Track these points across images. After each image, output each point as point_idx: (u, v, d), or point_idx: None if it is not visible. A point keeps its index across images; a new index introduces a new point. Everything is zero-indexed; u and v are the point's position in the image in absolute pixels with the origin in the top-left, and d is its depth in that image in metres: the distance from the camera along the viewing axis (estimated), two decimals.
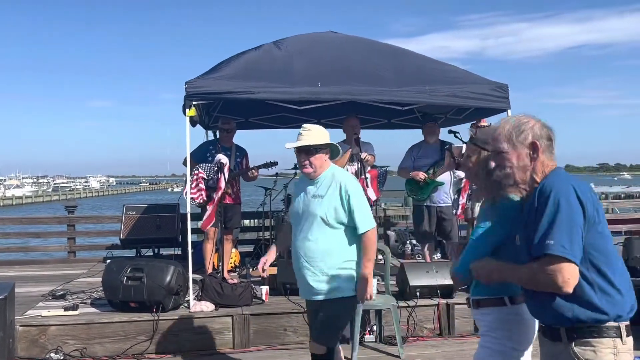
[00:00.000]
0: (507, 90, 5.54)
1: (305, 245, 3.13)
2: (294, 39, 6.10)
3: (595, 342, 1.83)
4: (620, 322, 1.84)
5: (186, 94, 5.04)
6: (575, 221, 1.80)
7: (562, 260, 1.77)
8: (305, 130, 3.19)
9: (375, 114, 7.37)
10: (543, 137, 2.01)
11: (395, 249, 7.57)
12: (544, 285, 1.84)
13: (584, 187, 1.89)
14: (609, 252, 1.87)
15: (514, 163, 2.01)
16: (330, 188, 3.11)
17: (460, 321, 5.09)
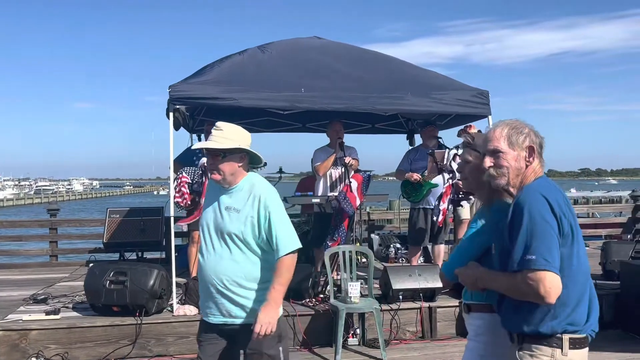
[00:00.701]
0: (488, 96, 5.64)
1: (219, 265, 2.66)
2: (279, 44, 6.14)
3: (535, 349, 1.93)
4: (564, 334, 1.90)
5: (170, 98, 5.05)
6: (551, 234, 1.85)
7: (544, 271, 1.82)
8: (216, 130, 2.66)
9: (359, 119, 7.43)
10: (537, 143, 2.07)
11: (379, 252, 7.63)
12: (525, 295, 1.88)
13: (559, 199, 1.92)
14: (571, 268, 1.89)
15: (511, 164, 2.04)
16: (248, 201, 2.64)
17: (442, 324, 5.16)
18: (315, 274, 5.39)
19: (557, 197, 1.91)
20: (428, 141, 6.09)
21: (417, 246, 6.28)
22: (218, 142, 2.61)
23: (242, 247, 2.62)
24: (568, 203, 1.96)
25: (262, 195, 2.63)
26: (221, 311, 2.71)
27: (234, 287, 2.63)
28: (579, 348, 1.92)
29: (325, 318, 4.91)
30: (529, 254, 1.84)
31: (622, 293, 5.30)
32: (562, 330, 1.90)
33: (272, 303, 2.58)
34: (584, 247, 1.97)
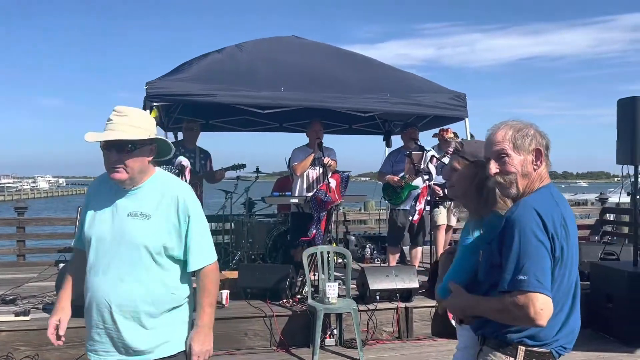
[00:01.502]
0: (465, 99, 5.73)
1: (118, 290, 2.11)
2: (257, 43, 6.11)
3: (490, 354, 1.92)
4: (520, 345, 1.85)
5: (147, 94, 4.96)
6: (544, 254, 1.78)
7: (536, 293, 1.75)
8: (118, 116, 2.09)
9: (337, 119, 7.44)
10: (543, 145, 1.92)
11: (354, 253, 7.65)
12: (517, 319, 1.80)
13: (555, 217, 1.82)
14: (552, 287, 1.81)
15: (519, 169, 1.89)
16: (162, 204, 2.14)
17: (419, 324, 5.20)
18: (292, 274, 5.36)
19: (552, 215, 1.81)
20: (409, 143, 6.14)
21: (395, 247, 6.33)
22: (126, 131, 2.05)
23: (150, 264, 2.11)
24: (566, 222, 1.85)
25: (181, 196, 2.16)
26: (118, 347, 2.18)
27: (140, 315, 2.12)
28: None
29: (303, 319, 4.89)
30: (520, 274, 1.76)
31: (592, 293, 5.43)
32: (518, 340, 1.85)
33: (205, 329, 2.20)
34: (568, 267, 1.86)
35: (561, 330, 1.88)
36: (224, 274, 5.89)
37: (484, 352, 1.96)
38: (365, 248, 7.62)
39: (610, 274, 5.21)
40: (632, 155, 5.01)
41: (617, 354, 4.70)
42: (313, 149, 5.84)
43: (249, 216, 7.01)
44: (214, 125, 7.75)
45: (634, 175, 5.25)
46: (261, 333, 4.86)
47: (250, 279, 5.31)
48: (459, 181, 2.16)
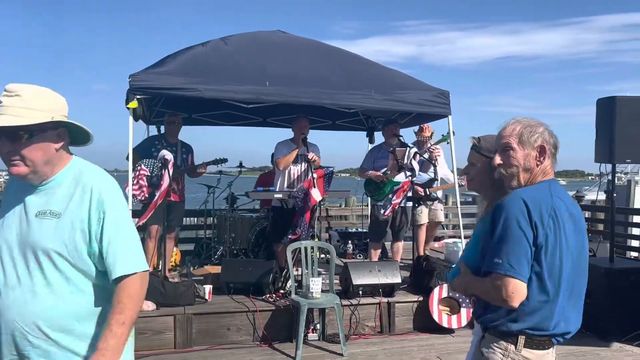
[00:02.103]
0: (448, 96, 5.78)
1: (32, 304, 1.73)
2: (242, 37, 6.07)
3: (492, 342, 2.00)
4: (520, 334, 1.95)
5: (130, 87, 4.90)
6: (522, 242, 1.87)
7: (508, 277, 1.87)
8: (8, 96, 1.71)
9: (321, 115, 7.44)
10: (551, 143, 2.03)
11: (337, 248, 7.68)
12: (494, 299, 1.95)
13: (543, 208, 1.90)
14: (539, 278, 1.91)
15: (521, 163, 2.01)
16: (74, 200, 1.79)
17: (400, 319, 5.25)
18: (275, 269, 5.37)
19: (540, 205, 1.90)
20: (390, 139, 6.16)
21: (377, 242, 6.35)
22: (18, 115, 1.68)
23: (66, 272, 1.75)
24: (556, 214, 1.92)
25: (96, 188, 1.79)
26: None
27: (58, 334, 1.75)
28: (535, 348, 1.96)
29: (286, 313, 4.90)
30: (496, 257, 1.89)
31: None
32: (518, 331, 1.95)
33: (107, 353, 1.72)
34: (565, 257, 1.93)
35: (560, 322, 1.97)
36: (207, 268, 5.87)
37: (486, 339, 2.04)
38: (348, 243, 7.65)
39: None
40: (610, 153, 5.12)
41: (594, 348, 4.81)
42: (297, 144, 5.84)
43: (232, 211, 6.98)
44: (197, 119, 7.68)
45: (611, 173, 5.38)
46: (244, 328, 4.86)
47: (233, 274, 5.30)
48: (476, 175, 2.26)
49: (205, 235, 7.37)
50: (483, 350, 2.04)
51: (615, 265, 5.23)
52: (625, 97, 5.15)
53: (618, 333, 4.97)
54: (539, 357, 1.98)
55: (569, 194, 2.12)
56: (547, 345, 1.98)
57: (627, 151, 5.12)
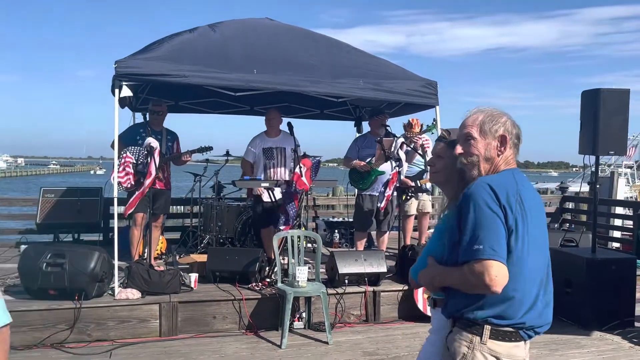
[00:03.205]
0: (436, 87, 5.79)
1: None
2: (230, 24, 6.00)
3: (458, 333, 1.99)
4: (485, 324, 1.93)
5: (116, 73, 4.84)
6: (498, 224, 1.86)
7: (491, 260, 1.83)
8: None
9: (309, 104, 7.42)
10: (513, 134, 2.03)
11: (323, 237, 7.70)
12: (474, 286, 1.88)
13: (510, 192, 1.90)
14: (510, 261, 1.88)
15: (482, 152, 2.01)
16: None
17: (385, 308, 5.29)
18: (262, 258, 5.37)
19: (507, 189, 1.89)
20: (377, 129, 6.16)
21: (363, 232, 6.37)
22: None
23: None
24: (522, 200, 1.91)
25: None
26: None
27: None
28: (502, 340, 1.93)
29: (272, 302, 4.92)
30: (476, 244, 1.85)
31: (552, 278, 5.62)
32: (483, 319, 1.93)
33: None
34: (531, 247, 1.92)
35: (528, 312, 1.95)
36: (193, 257, 5.86)
37: (453, 332, 2.02)
38: (334, 233, 7.68)
39: (569, 260, 5.40)
40: (594, 145, 5.18)
41: (574, 336, 4.90)
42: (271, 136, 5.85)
43: (218, 199, 6.96)
44: (183, 106, 7.62)
45: (594, 165, 5.44)
46: (230, 316, 4.86)
47: (219, 263, 5.29)
48: (442, 168, 2.24)
49: (192, 224, 7.34)
50: (449, 344, 2.01)
51: (597, 255, 5.31)
52: (610, 90, 5.20)
53: (599, 322, 5.06)
54: (506, 349, 1.94)
55: (533, 184, 2.13)
56: (514, 338, 1.94)
57: (611, 143, 5.18)
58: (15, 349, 4.26)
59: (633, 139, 26.87)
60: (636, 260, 5.55)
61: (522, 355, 1.98)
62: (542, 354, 4.45)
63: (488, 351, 1.94)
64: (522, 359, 1.98)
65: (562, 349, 4.60)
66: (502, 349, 1.94)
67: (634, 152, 27.97)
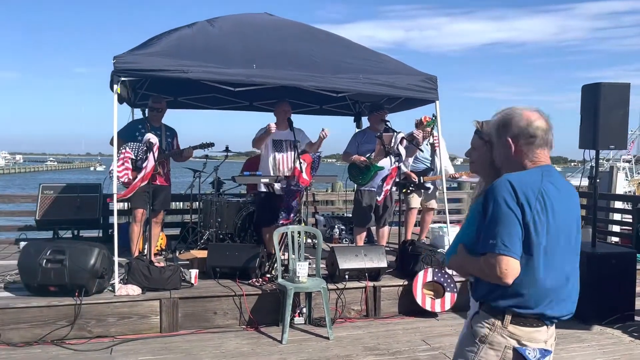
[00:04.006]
0: (436, 82, 5.77)
1: None
2: (229, 19, 5.98)
3: (483, 317, 2.10)
4: (507, 311, 2.03)
5: (114, 69, 4.81)
6: (513, 220, 1.95)
7: (502, 255, 1.94)
8: None
9: (308, 99, 7.40)
10: (523, 134, 2.08)
11: (323, 233, 7.70)
12: (489, 277, 2.01)
13: (529, 190, 1.97)
14: (527, 257, 1.97)
15: (499, 157, 2.16)
16: None
17: (386, 303, 5.29)
18: (262, 254, 5.37)
19: (526, 187, 1.98)
20: (376, 125, 6.14)
21: (362, 227, 6.37)
22: None
23: None
24: (544, 197, 1.98)
25: None
26: None
27: None
28: (522, 325, 2.04)
29: (272, 297, 4.92)
30: (491, 238, 1.97)
31: None
32: (505, 307, 2.04)
33: None
34: (552, 241, 2.00)
35: (549, 303, 2.03)
36: (193, 253, 5.85)
37: (479, 315, 2.12)
38: (334, 228, 7.68)
39: None
40: (594, 140, 5.17)
41: (574, 331, 4.90)
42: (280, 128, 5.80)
43: (218, 195, 6.95)
44: (182, 102, 7.60)
45: (594, 159, 5.44)
46: (230, 312, 4.86)
47: (219, 258, 5.29)
48: (477, 159, 2.35)
49: (192, 220, 7.33)
50: (473, 324, 2.12)
51: (597, 250, 5.31)
52: (610, 84, 5.19)
53: (599, 316, 5.07)
54: (526, 334, 2.04)
55: (567, 180, 2.17)
56: (535, 324, 2.04)
57: (611, 137, 5.17)
58: (16, 345, 4.26)
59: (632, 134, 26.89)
60: (636, 255, 5.55)
61: (544, 338, 2.08)
62: None
63: (508, 334, 2.04)
64: (543, 341, 2.07)
65: (562, 343, 4.60)
66: (522, 333, 2.04)
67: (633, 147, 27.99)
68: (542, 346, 2.07)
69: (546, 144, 2.11)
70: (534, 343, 2.05)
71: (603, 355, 4.36)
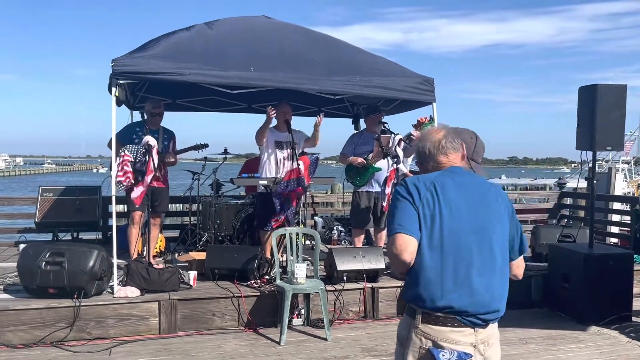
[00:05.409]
0: (433, 84, 5.79)
1: None
2: (227, 22, 6.00)
3: (404, 318, 2.18)
4: (417, 308, 2.07)
5: (112, 72, 4.84)
6: (405, 206, 2.08)
7: (396, 233, 2.04)
8: None
9: (306, 102, 7.42)
10: (423, 148, 2.31)
11: (322, 234, 7.71)
12: (391, 260, 2.11)
13: (420, 184, 2.12)
14: (422, 250, 2.04)
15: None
16: None
17: (384, 304, 5.31)
18: (260, 255, 5.38)
19: (417, 181, 2.14)
20: (373, 127, 6.17)
21: (360, 229, 6.39)
22: None
23: None
24: (437, 188, 2.10)
25: None
26: None
27: None
28: (433, 324, 2.03)
29: (270, 299, 4.94)
30: (390, 225, 2.11)
31: (550, 274, 5.66)
32: (409, 301, 2.11)
33: None
34: (448, 232, 2.04)
35: (450, 294, 2.02)
36: (192, 255, 5.87)
37: (403, 316, 2.21)
38: (333, 230, 7.69)
39: (567, 255, 5.43)
40: (591, 141, 5.19)
41: (571, 332, 4.92)
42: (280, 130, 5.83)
43: (217, 197, 6.97)
44: (181, 104, 7.62)
45: (591, 160, 5.46)
46: (229, 313, 4.88)
47: (218, 260, 5.31)
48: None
49: (190, 222, 7.35)
50: (398, 327, 2.19)
51: (594, 250, 5.33)
52: (607, 85, 5.21)
53: (597, 317, 5.08)
54: (441, 334, 2.02)
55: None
56: (449, 323, 2.02)
57: (608, 138, 5.19)
58: (15, 347, 4.28)
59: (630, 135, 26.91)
60: (633, 255, 5.58)
61: (469, 341, 2.04)
62: (540, 349, 4.47)
63: (422, 334, 2.04)
64: (469, 344, 2.04)
65: (559, 344, 4.62)
66: (436, 333, 2.03)
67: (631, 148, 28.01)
68: (469, 350, 2.02)
69: (443, 151, 2.25)
70: (455, 345, 2.01)
71: (600, 356, 4.38)
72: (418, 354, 2.04)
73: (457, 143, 2.28)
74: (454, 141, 2.27)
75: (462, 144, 2.30)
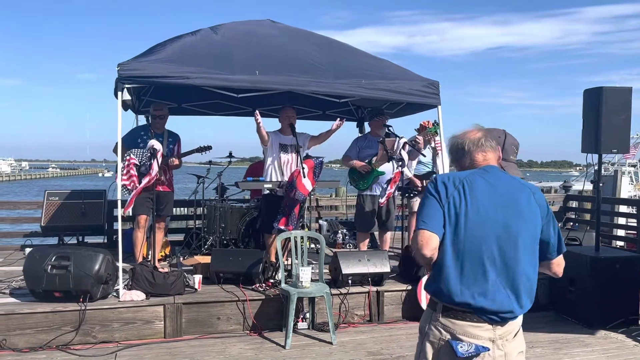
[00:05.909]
0: (438, 87, 5.79)
1: None
2: (232, 25, 6.02)
3: (426, 311, 2.28)
4: (438, 302, 2.17)
5: (118, 76, 4.86)
6: (432, 203, 2.16)
7: (420, 230, 2.13)
8: None
9: (311, 105, 7.43)
10: (454, 148, 2.39)
11: (326, 238, 7.71)
12: (415, 252, 2.19)
13: (448, 181, 2.18)
14: (445, 247, 2.12)
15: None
16: None
17: (389, 308, 5.30)
18: (265, 259, 5.38)
19: (446, 178, 2.20)
20: (377, 130, 6.17)
21: (365, 232, 6.38)
22: None
23: None
24: (465, 186, 2.15)
25: None
26: None
27: None
28: (452, 318, 2.12)
29: (275, 303, 4.93)
30: (417, 218, 2.21)
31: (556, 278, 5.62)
32: (432, 294, 2.20)
33: None
34: (471, 230, 2.10)
35: (469, 288, 2.09)
36: (197, 258, 5.88)
37: (425, 310, 2.33)
38: (337, 233, 7.68)
39: (572, 259, 5.37)
40: (596, 144, 5.17)
41: (578, 335, 4.89)
42: (285, 133, 5.83)
43: (222, 201, 6.97)
44: (186, 108, 7.65)
45: (597, 163, 5.43)
46: (234, 317, 4.88)
47: (223, 264, 5.31)
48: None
49: (195, 226, 7.36)
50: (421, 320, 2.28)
51: (600, 254, 5.30)
52: (612, 88, 5.19)
53: (603, 320, 5.05)
54: (459, 327, 2.10)
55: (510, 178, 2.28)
56: (468, 318, 2.09)
57: (613, 141, 5.17)
58: (21, 351, 4.29)
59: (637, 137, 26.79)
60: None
61: (487, 336, 2.10)
62: (547, 353, 4.45)
63: (442, 327, 2.13)
64: (487, 339, 2.09)
65: (566, 347, 4.60)
66: (455, 326, 2.11)
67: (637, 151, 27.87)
68: (487, 344, 2.07)
69: (483, 150, 2.31)
70: (473, 339, 2.08)
71: (607, 359, 4.35)
72: (437, 345, 2.14)
73: (495, 144, 2.36)
74: (492, 141, 2.35)
75: (499, 146, 2.39)
